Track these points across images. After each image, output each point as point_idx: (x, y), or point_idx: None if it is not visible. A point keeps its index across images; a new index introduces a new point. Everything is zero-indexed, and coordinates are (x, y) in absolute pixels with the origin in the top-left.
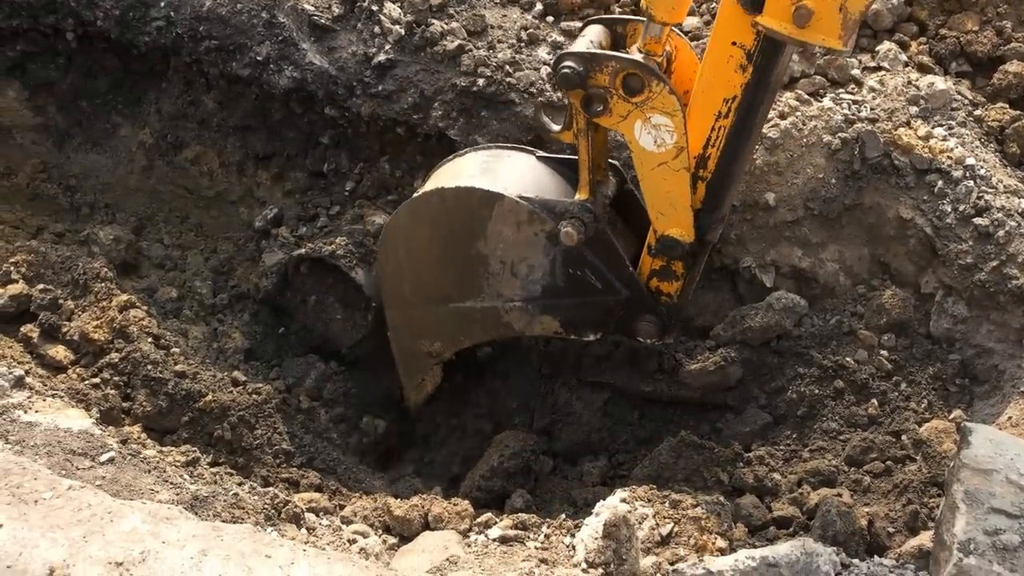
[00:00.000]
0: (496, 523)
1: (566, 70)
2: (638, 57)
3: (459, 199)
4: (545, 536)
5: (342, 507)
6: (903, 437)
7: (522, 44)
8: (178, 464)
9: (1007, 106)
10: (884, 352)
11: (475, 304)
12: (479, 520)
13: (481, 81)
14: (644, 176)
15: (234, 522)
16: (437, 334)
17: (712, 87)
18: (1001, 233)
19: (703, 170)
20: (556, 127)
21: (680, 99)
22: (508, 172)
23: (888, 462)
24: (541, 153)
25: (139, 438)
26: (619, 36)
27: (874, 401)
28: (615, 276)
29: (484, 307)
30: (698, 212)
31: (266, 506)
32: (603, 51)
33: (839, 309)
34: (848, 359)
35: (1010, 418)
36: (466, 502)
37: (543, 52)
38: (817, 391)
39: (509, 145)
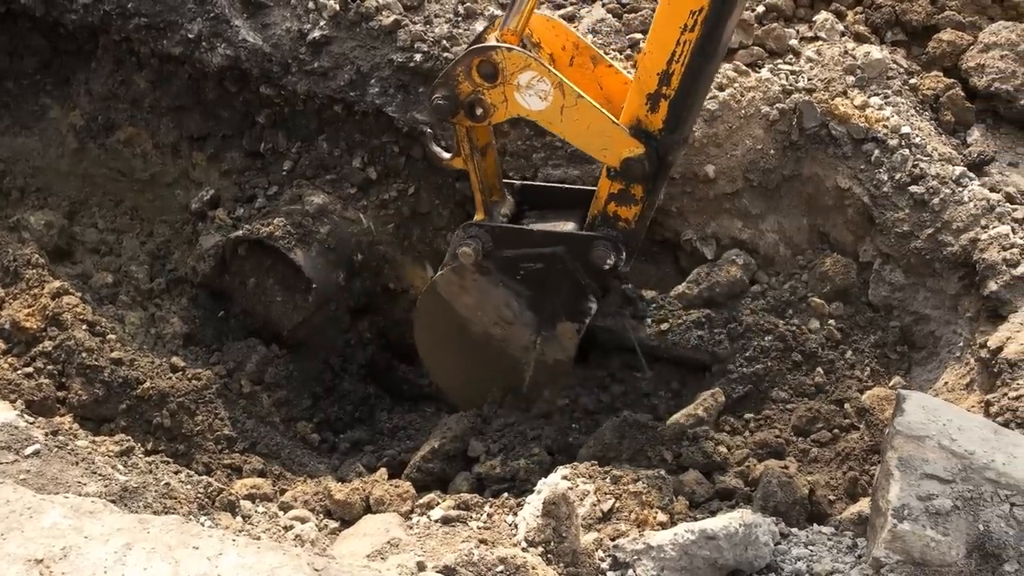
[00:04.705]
0: (439, 504)
1: (438, 101)
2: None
3: (426, 311)
4: (488, 516)
5: (284, 492)
6: (846, 405)
7: (459, 18)
8: (111, 454)
9: (941, 74)
10: (832, 321)
11: (526, 373)
12: (421, 502)
13: (418, 56)
14: (562, 131)
15: (165, 513)
16: None
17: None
18: (936, 200)
19: (666, 87)
20: (447, 155)
21: (528, 49)
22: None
23: (834, 431)
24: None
25: (70, 429)
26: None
27: (820, 370)
28: (538, 245)
29: (534, 369)
30: (659, 132)
31: (199, 495)
32: (447, 64)
33: (783, 281)
34: (793, 327)
35: (946, 383)
36: (407, 484)
37: (480, 26)
38: (769, 363)
39: None
